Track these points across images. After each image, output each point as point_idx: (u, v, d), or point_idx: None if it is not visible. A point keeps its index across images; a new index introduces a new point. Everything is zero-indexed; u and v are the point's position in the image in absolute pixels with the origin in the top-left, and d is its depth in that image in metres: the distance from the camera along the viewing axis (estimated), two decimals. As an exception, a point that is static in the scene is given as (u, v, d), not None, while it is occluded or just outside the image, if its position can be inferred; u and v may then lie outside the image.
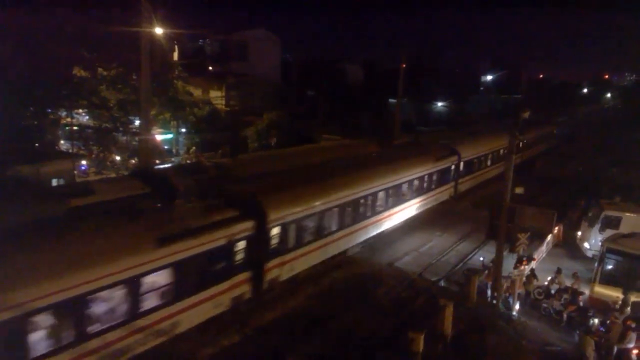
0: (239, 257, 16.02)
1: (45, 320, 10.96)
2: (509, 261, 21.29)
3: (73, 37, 29.57)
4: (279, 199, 17.99)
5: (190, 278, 14.30)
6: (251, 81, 51.27)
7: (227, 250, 15.50)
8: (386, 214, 25.21)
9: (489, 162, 39.10)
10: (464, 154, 33.59)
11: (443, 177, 31.20)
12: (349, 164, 24.92)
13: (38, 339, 10.90)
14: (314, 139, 43.65)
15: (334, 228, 20.96)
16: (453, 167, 32.42)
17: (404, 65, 42.32)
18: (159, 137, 38.94)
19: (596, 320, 18.49)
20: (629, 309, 18.28)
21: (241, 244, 15.98)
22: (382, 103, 63.14)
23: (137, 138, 32.09)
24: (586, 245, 25.91)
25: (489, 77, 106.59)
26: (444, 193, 31.76)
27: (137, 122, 34.43)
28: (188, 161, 37.53)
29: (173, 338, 14.00)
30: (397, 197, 25.95)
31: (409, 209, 27.74)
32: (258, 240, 16.58)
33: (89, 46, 32.49)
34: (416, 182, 27.96)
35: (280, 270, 18.05)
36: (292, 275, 18.86)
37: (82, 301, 11.49)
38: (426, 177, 28.95)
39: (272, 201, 17.53)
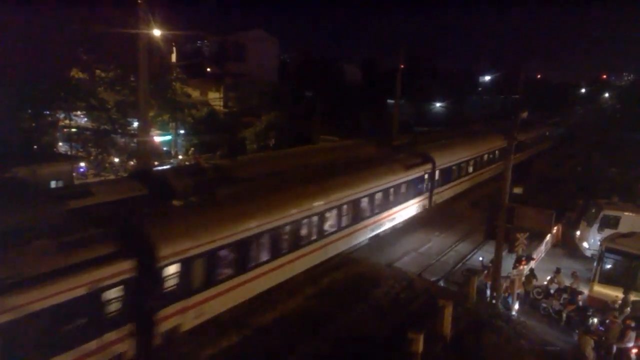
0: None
1: None
2: (508, 261, 21.29)
3: (71, 39, 29.57)
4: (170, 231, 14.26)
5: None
6: (249, 82, 51.27)
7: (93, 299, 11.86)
8: (336, 236, 21.11)
9: (470, 169, 35.93)
10: (440, 160, 30.27)
11: (414, 188, 27.75)
12: (289, 178, 21.43)
13: None
14: (312, 139, 43.65)
15: (249, 264, 16.70)
16: (427, 176, 29.01)
17: (402, 66, 42.34)
18: (158, 139, 38.94)
19: (595, 320, 18.50)
20: (628, 308, 18.30)
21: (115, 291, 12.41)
22: (380, 103, 63.17)
23: (135, 140, 32.08)
24: (585, 244, 25.93)
25: (487, 78, 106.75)
26: (415, 206, 28.21)
27: (135, 124, 34.42)
28: (186, 163, 37.51)
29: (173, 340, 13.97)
30: (353, 214, 22.21)
31: (371, 228, 24.11)
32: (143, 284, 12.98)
33: (87, 48, 32.51)
34: (379, 196, 24.28)
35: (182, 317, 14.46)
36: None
37: None
38: (392, 189, 25.35)
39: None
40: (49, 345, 11.09)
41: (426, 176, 28.90)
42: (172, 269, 13.69)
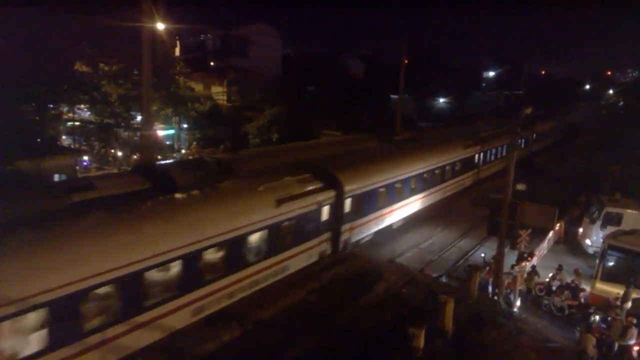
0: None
1: None
2: (510, 258, 21.30)
3: (74, 32, 29.55)
4: None
5: None
6: (252, 76, 51.17)
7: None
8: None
9: (407, 191, 26.37)
10: (351, 185, 21.32)
11: (305, 230, 19.07)
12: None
13: None
14: (315, 134, 43.57)
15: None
16: (327, 207, 20.07)
17: (406, 61, 42.15)
18: (161, 133, 38.96)
19: (597, 317, 18.51)
20: (629, 304, 18.30)
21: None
22: (383, 99, 63.00)
23: (138, 133, 32.10)
24: (587, 242, 25.92)
25: (491, 74, 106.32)
26: (307, 254, 19.42)
27: (138, 118, 34.44)
28: (189, 157, 37.53)
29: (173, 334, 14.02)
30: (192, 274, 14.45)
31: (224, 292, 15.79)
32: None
33: (91, 41, 32.47)
34: (239, 246, 16.02)
35: None
36: None
37: None
38: (266, 232, 16.82)
39: None
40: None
41: (327, 208, 20.07)
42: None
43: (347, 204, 21.14)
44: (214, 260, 15.22)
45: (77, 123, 38.92)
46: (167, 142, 41.58)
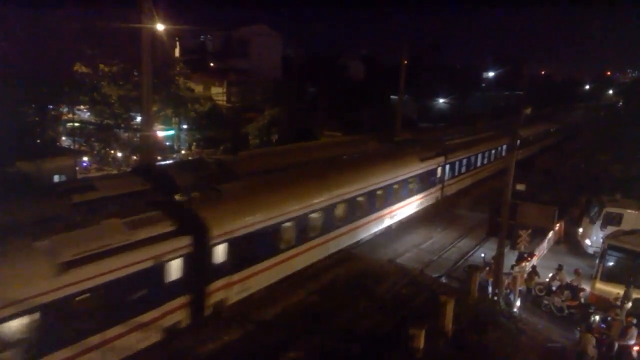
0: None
1: None
2: (510, 258, 21.30)
3: (74, 34, 29.59)
4: None
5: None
6: (252, 77, 51.23)
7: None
8: None
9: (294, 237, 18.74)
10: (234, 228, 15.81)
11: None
12: None
13: None
14: (315, 135, 43.60)
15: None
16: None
17: (406, 62, 42.10)
18: (161, 134, 38.97)
19: (597, 317, 18.50)
20: (630, 304, 18.29)
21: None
22: (383, 99, 63.00)
23: (138, 134, 32.10)
24: (587, 242, 25.90)
25: (491, 74, 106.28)
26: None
27: (138, 119, 34.46)
28: (189, 158, 37.55)
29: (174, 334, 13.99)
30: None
31: None
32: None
33: (90, 42, 32.52)
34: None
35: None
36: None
37: None
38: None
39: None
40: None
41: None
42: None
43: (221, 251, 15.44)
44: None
45: (77, 124, 38.96)
46: (167, 143, 41.60)
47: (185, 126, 42.56)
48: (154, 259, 13.05)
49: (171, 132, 42.01)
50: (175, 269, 13.81)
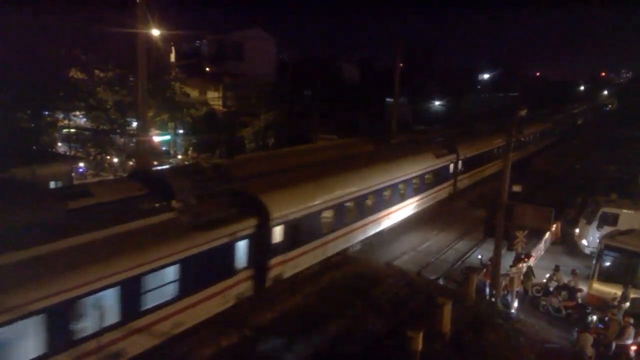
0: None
1: None
2: (507, 259, 21.32)
3: (70, 39, 29.55)
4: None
5: None
6: (248, 81, 51.24)
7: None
8: None
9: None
10: None
11: None
12: None
13: None
14: (311, 139, 43.60)
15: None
16: None
17: (401, 65, 42.15)
18: (157, 139, 38.91)
19: (594, 317, 18.54)
20: (627, 304, 18.35)
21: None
22: (378, 102, 63.11)
23: (134, 140, 32.04)
24: (584, 242, 25.97)
25: (486, 76, 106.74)
26: None
27: (134, 124, 34.40)
28: (185, 162, 37.49)
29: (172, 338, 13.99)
30: None
31: None
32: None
33: (86, 48, 32.49)
34: None
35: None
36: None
37: None
38: None
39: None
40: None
41: None
42: None
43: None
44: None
45: (72, 130, 38.87)
46: (163, 148, 41.52)
47: (181, 131, 42.54)
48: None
49: (167, 137, 41.96)
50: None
